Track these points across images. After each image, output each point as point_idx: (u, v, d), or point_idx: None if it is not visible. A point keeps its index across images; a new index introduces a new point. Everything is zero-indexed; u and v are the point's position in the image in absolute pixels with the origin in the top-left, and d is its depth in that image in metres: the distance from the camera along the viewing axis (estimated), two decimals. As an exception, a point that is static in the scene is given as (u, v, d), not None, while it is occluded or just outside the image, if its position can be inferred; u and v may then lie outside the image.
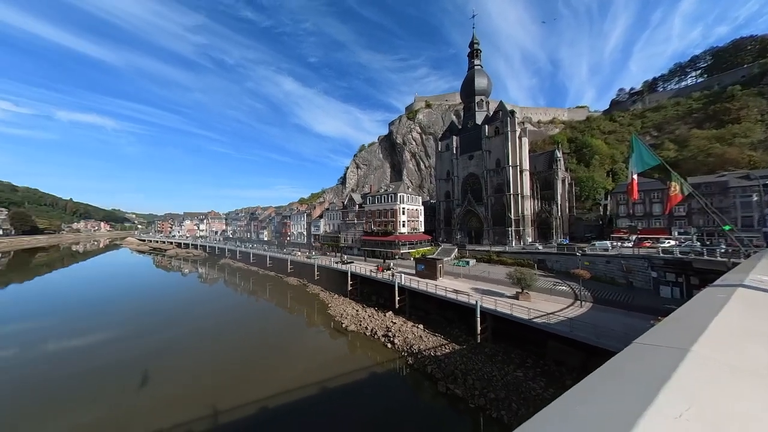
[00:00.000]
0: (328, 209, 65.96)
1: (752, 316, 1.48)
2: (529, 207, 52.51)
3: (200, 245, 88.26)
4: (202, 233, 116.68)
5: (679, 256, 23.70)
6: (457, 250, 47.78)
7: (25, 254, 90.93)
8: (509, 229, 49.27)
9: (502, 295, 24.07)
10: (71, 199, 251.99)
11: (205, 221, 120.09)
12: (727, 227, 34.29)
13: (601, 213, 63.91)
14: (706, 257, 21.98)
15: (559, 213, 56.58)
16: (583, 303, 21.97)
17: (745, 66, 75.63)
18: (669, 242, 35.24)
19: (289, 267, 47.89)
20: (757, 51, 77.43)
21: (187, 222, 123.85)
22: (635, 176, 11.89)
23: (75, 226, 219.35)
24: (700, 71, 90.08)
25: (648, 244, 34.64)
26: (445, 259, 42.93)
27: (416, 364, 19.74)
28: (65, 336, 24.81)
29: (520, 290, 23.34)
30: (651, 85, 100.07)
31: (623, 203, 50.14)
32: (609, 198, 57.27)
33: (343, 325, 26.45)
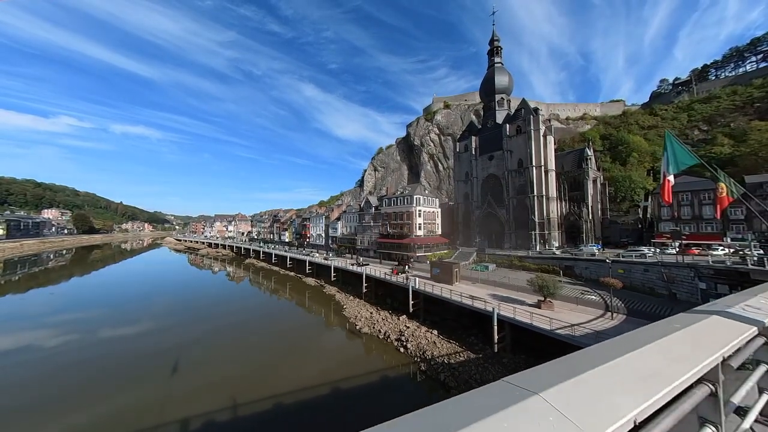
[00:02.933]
0: (345, 212, 67.14)
1: (673, 360, 1.07)
2: (555, 209, 49.33)
3: (228, 245, 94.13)
4: (230, 234, 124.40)
5: (733, 265, 20.79)
6: (475, 254, 46.14)
7: (84, 251, 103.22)
8: (533, 232, 46.62)
9: (522, 303, 22.72)
10: (121, 202, 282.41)
11: (233, 223, 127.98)
12: None
13: (641, 216, 58.14)
14: (767, 268, 19.04)
15: (591, 216, 52.45)
16: (615, 315, 20.04)
17: (822, 45, 65.08)
18: (722, 249, 31.08)
19: (307, 268, 49.31)
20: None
21: (217, 223, 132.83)
22: (670, 178, 10.69)
23: (124, 226, 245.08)
24: (762, 55, 79.07)
25: (696, 252, 30.88)
26: (463, 263, 41.63)
27: (429, 370, 19.25)
28: (116, 324, 27.68)
29: (542, 298, 21.91)
30: (701, 73, 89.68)
31: (666, 205, 45.27)
32: (650, 199, 51.97)
33: (357, 327, 26.58)
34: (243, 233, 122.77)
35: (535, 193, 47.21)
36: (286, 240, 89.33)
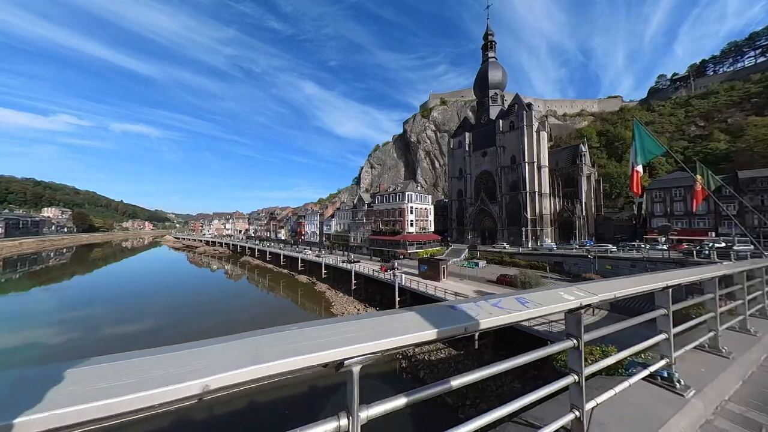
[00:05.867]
0: (339, 209, 67.09)
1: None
2: (548, 206, 49.10)
3: (225, 243, 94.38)
4: (227, 232, 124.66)
5: (717, 261, 20.63)
6: (467, 250, 46.04)
7: (84, 249, 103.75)
8: (524, 229, 46.46)
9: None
10: (122, 201, 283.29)
11: (230, 221, 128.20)
12: None
13: (635, 212, 57.87)
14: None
15: (584, 212, 52.27)
16: (596, 311, 19.96)
17: (822, 39, 64.21)
18: (715, 244, 30.86)
19: (299, 265, 49.37)
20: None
21: (216, 222, 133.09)
22: (639, 168, 10.51)
23: (124, 224, 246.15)
24: (760, 50, 78.08)
25: (685, 247, 30.68)
26: (455, 260, 41.58)
27: (409, 367, 19.27)
28: (118, 322, 27.64)
29: (524, 294, 21.81)
30: (698, 69, 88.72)
31: (659, 201, 45.13)
32: (644, 195, 51.74)
33: (343, 324, 26.61)
34: (240, 231, 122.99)
35: (528, 190, 46.98)
36: (282, 238, 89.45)
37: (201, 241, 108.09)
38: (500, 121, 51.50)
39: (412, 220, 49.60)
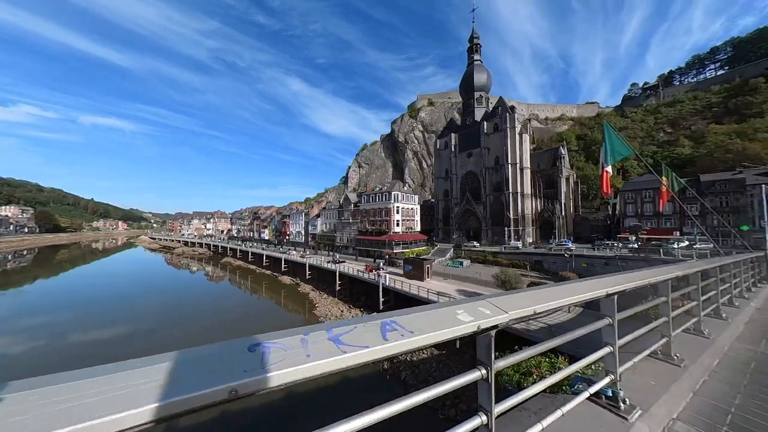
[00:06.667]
0: (325, 208, 66.03)
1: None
2: (529, 206, 50.63)
3: (205, 243, 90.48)
4: (208, 232, 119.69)
5: (681, 257, 21.94)
6: (452, 250, 46.56)
7: (49, 251, 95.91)
8: (507, 228, 47.64)
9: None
10: (92, 199, 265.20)
11: (211, 220, 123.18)
12: (744, 227, 31.47)
13: (610, 212, 60.95)
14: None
15: (563, 212, 54.30)
16: (572, 308, 20.60)
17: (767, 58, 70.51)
18: (680, 243, 32.94)
19: (283, 266, 48.05)
20: (785, 39, 72.06)
21: (195, 221, 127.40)
22: (608, 169, 10.81)
23: (95, 224, 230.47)
24: (720, 63, 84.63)
25: (651, 245, 32.48)
26: (440, 259, 41.90)
27: (391, 369, 19.04)
28: (88, 328, 25.45)
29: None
30: (666, 79, 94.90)
31: (631, 202, 47.62)
32: (618, 197, 54.53)
33: (325, 326, 26.02)
34: (222, 231, 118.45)
35: (510, 190, 48.20)
36: (266, 238, 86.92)
37: (179, 241, 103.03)
38: (485, 123, 52.53)
39: (398, 220, 49.55)
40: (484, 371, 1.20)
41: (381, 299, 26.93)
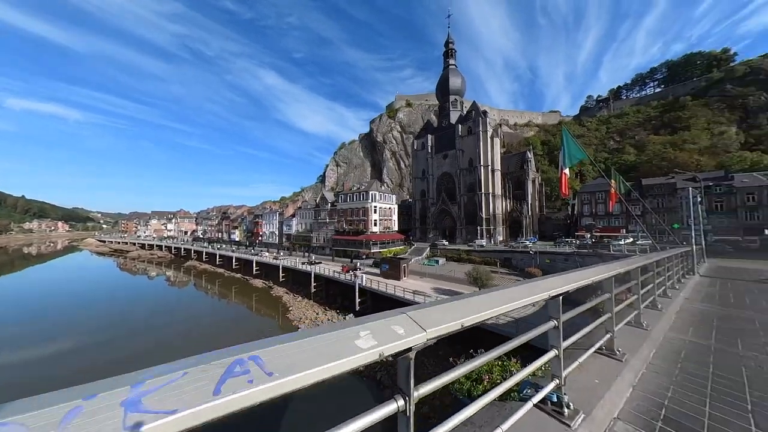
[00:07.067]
0: (300, 208, 63.87)
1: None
2: (500, 206, 53.50)
3: (165, 246, 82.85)
4: (170, 233, 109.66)
5: (627, 253, 24.60)
6: (429, 249, 47.61)
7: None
8: (480, 227, 49.88)
9: (462, 294, 23.78)
10: (23, 196, 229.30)
11: (173, 221, 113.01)
12: (676, 225, 35.76)
13: (569, 212, 66.71)
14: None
15: (530, 212, 58.22)
16: (536, 303, 22.07)
17: (695, 79, 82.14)
18: (626, 240, 36.97)
19: (254, 268, 45.56)
20: (705, 66, 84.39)
21: (154, 221, 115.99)
22: (566, 171, 11.69)
23: (27, 225, 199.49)
24: (657, 82, 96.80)
25: (603, 242, 36.03)
26: (416, 258, 42.59)
27: (367, 369, 18.83)
28: (22, 345, 21.71)
29: (477, 289, 23.13)
30: (616, 93, 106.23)
31: (587, 203, 52.39)
32: (576, 198, 59.87)
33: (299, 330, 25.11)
34: (186, 232, 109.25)
35: (483, 191, 50.52)
36: (236, 239, 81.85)
37: (135, 244, 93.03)
38: (459, 126, 54.45)
39: (376, 220, 49.48)
40: (401, 402, 1.02)
41: (357, 300, 26.64)
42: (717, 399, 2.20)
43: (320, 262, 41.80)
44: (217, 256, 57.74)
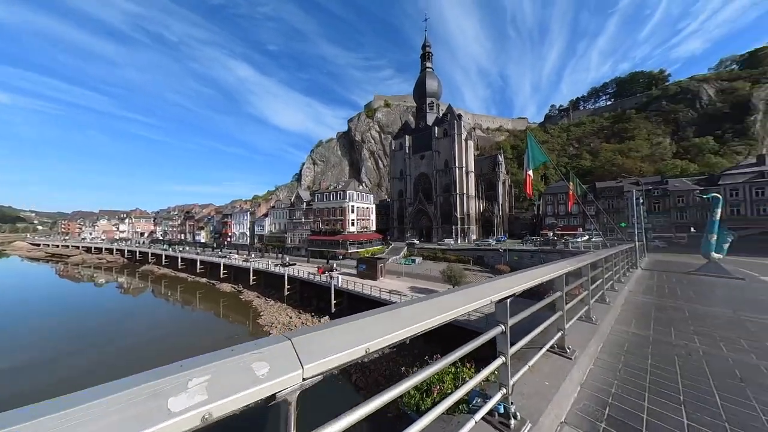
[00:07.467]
0: (274, 207, 61.03)
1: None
2: (474, 206, 55.80)
3: (117, 249, 74.24)
4: (122, 235, 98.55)
5: (583, 249, 26.95)
6: (406, 248, 48.14)
7: None
8: (455, 227, 51.58)
9: (435, 293, 24.29)
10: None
11: (126, 221, 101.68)
12: (623, 224, 39.63)
13: (535, 212, 71.73)
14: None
15: (501, 212, 61.51)
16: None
17: (638, 95, 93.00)
18: (582, 237, 40.59)
19: (222, 272, 42.57)
20: (646, 84, 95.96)
21: (104, 222, 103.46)
22: (530, 173, 12.43)
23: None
24: (608, 95, 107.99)
25: (563, 240, 39.22)
26: (394, 258, 42.81)
27: (341, 372, 18.43)
28: None
29: (451, 286, 23.79)
30: (575, 104, 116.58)
31: (550, 204, 56.62)
32: (541, 199, 64.57)
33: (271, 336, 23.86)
34: (143, 234, 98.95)
35: (458, 192, 52.30)
36: (202, 240, 75.94)
37: (79, 247, 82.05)
38: (436, 127, 55.80)
39: (353, 220, 48.88)
40: None
41: (333, 302, 26.04)
42: (654, 392, 2.30)
43: (295, 264, 40.24)
44: (179, 260, 53.02)
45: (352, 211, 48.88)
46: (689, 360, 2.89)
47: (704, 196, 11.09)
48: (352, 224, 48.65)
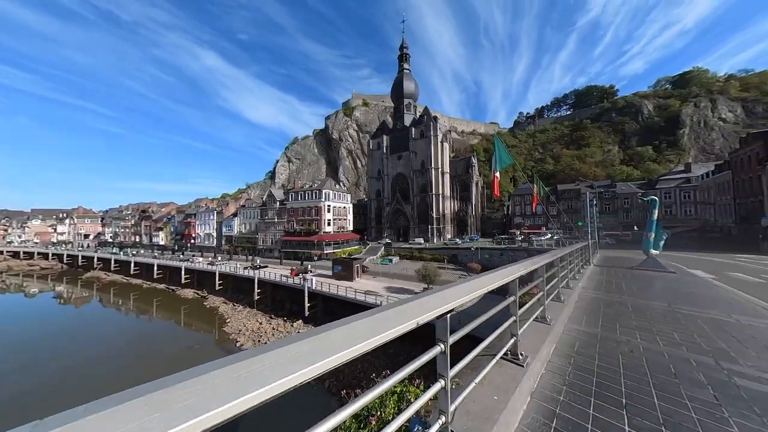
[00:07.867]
0: (244, 206, 57.50)
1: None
2: (449, 206, 57.53)
3: (54, 254, 64.77)
4: (61, 237, 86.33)
5: (546, 247, 28.99)
6: (383, 248, 48.17)
7: None
8: (431, 226, 52.75)
9: (411, 292, 24.51)
10: None
11: (67, 221, 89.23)
12: (579, 223, 43.09)
13: (505, 212, 76.07)
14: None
15: (474, 212, 64.21)
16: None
17: (592, 106, 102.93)
18: (545, 236, 43.78)
19: (183, 277, 39.08)
20: (599, 97, 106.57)
21: (36, 222, 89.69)
22: (497, 174, 12.96)
23: None
24: (568, 106, 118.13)
25: (528, 238, 41.95)
26: (372, 257, 42.57)
27: (315, 378, 17.81)
28: None
29: (426, 285, 24.18)
30: (540, 112, 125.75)
31: (518, 204, 60.26)
32: (510, 200, 68.60)
33: (238, 344, 22.33)
34: (88, 236, 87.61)
35: (434, 192, 53.54)
36: (161, 243, 69.20)
37: (2, 252, 70.17)
38: (413, 128, 56.57)
39: (329, 219, 47.74)
40: None
41: (307, 305, 25.12)
42: (599, 396, 2.30)
43: (266, 266, 38.22)
44: (132, 264, 47.70)
45: (329, 211, 47.72)
46: (632, 358, 3.01)
47: (644, 199, 12.36)
48: (329, 224, 47.50)
